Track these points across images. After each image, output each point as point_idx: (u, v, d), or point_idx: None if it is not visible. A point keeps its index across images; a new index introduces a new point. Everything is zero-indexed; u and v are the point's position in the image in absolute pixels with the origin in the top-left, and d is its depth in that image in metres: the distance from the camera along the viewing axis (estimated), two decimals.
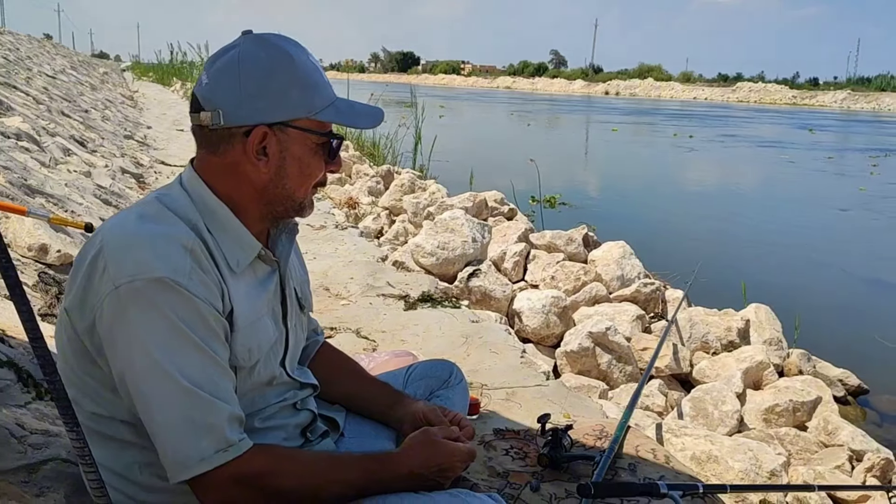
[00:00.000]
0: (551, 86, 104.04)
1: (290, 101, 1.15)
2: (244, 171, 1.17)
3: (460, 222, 4.55)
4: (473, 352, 2.99)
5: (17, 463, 1.46)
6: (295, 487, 1.12)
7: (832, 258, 8.28)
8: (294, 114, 1.16)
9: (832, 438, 3.30)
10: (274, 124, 1.15)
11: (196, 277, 1.07)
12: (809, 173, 15.98)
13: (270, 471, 1.10)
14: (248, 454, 1.09)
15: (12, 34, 17.61)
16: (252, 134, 1.14)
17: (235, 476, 1.07)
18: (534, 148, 16.66)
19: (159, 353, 1.03)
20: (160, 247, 1.06)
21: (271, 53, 1.15)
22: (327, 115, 1.18)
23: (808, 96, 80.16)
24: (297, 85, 1.15)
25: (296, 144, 1.17)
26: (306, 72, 1.17)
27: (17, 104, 6.17)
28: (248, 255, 1.20)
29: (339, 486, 1.16)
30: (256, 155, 1.15)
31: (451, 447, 1.26)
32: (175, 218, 1.12)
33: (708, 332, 4.20)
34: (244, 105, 1.13)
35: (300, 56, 1.17)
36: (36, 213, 2.86)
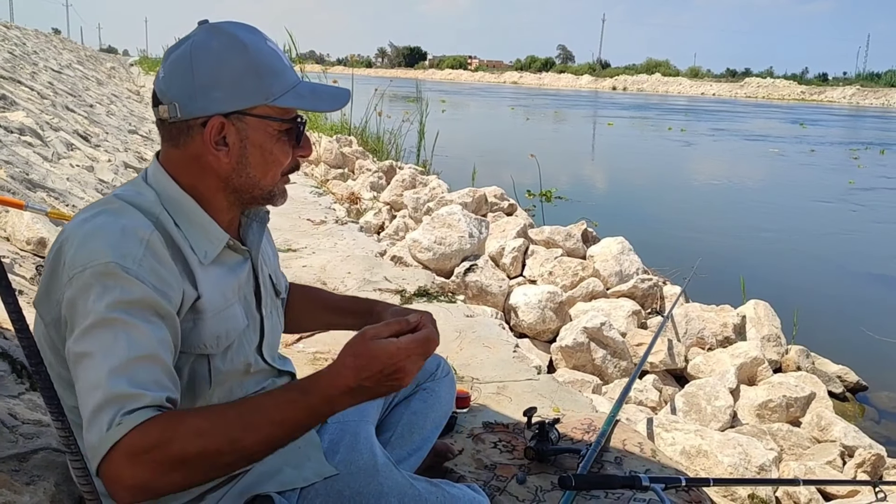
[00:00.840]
0: (558, 81, 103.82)
1: (244, 89, 1.13)
2: (207, 162, 1.17)
3: (457, 217, 4.58)
4: (466, 346, 3.01)
5: (9, 452, 1.49)
6: (202, 449, 0.95)
7: (831, 254, 8.30)
8: (250, 101, 1.14)
9: (825, 434, 3.32)
10: (230, 114, 1.14)
11: (146, 265, 1.05)
12: (797, 167, 16.30)
13: (164, 438, 0.93)
14: (143, 426, 0.94)
15: (19, 29, 17.68)
16: (208, 125, 1.13)
17: (129, 452, 0.92)
18: (530, 142, 17.05)
19: (89, 337, 1.00)
20: (115, 237, 1.06)
21: (223, 42, 1.14)
22: (286, 101, 1.16)
23: (817, 92, 79.83)
24: (251, 72, 1.13)
25: (256, 132, 1.16)
26: (261, 58, 1.15)
27: (22, 99, 6.21)
28: (216, 247, 1.20)
29: (260, 431, 0.98)
30: (216, 145, 1.15)
31: (392, 345, 0.99)
32: (136, 212, 1.12)
33: (704, 328, 4.22)
34: (198, 96, 1.12)
35: (255, 42, 1.15)
36: (34, 207, 2.90)
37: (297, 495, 1.27)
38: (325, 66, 27.20)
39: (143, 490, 0.93)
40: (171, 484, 0.95)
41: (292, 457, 1.32)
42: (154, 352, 1.02)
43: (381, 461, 1.33)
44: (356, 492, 1.27)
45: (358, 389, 0.99)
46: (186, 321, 1.14)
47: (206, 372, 1.18)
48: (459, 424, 2.30)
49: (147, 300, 1.04)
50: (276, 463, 1.29)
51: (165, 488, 0.95)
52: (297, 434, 1.01)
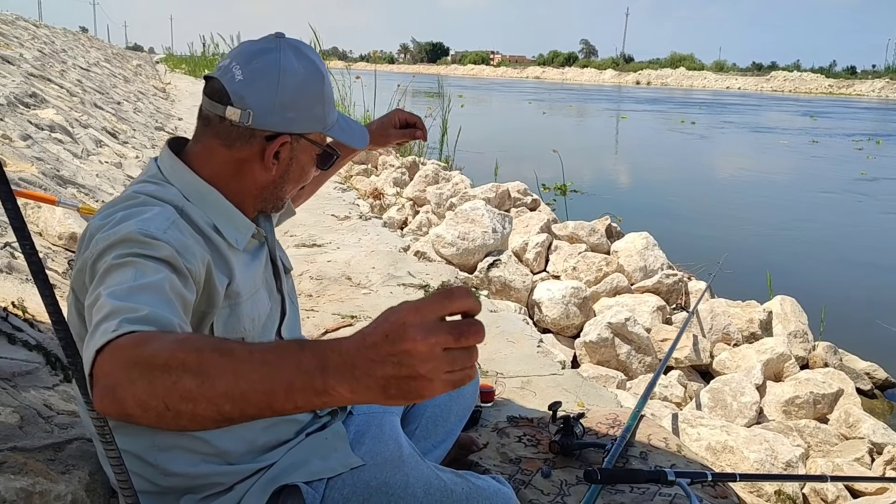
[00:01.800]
0: (581, 76, 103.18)
1: (314, 115, 1.24)
2: (251, 169, 1.23)
3: (481, 213, 4.58)
4: (490, 341, 3.02)
5: (44, 442, 1.53)
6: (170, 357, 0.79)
7: (857, 249, 8.19)
8: (313, 127, 1.25)
9: (853, 431, 3.28)
10: (295, 134, 1.22)
11: (171, 234, 1.06)
12: (809, 158, 16.39)
13: (146, 338, 0.85)
14: (137, 332, 0.87)
15: (48, 28, 17.93)
16: (277, 140, 1.21)
17: (111, 350, 0.85)
18: (546, 135, 17.43)
19: (102, 281, 0.98)
20: (141, 219, 1.07)
21: (308, 67, 1.21)
22: (335, 132, 1.30)
23: (845, 85, 78.53)
24: (321, 101, 1.24)
25: (304, 153, 1.27)
26: (329, 89, 1.27)
27: (52, 96, 6.31)
28: (245, 234, 1.26)
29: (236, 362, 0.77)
30: (273, 159, 1.22)
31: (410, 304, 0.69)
32: (160, 203, 1.14)
33: (729, 324, 4.19)
34: (276, 112, 1.18)
35: (326, 74, 1.26)
36: (66, 202, 2.95)
37: (324, 485, 1.29)
38: (347, 63, 27.27)
39: (109, 392, 0.82)
40: (134, 396, 0.79)
41: (319, 448, 1.34)
42: (161, 286, 0.98)
43: (406, 452, 1.34)
44: (382, 482, 1.28)
45: (356, 359, 0.69)
46: (224, 308, 1.17)
47: None
48: (484, 419, 2.31)
49: (167, 259, 1.03)
50: (304, 454, 1.31)
51: (127, 398, 0.80)
52: (272, 395, 0.74)
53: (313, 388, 0.72)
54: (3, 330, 1.92)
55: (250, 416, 0.77)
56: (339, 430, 1.40)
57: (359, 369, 0.69)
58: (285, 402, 0.74)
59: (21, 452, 1.43)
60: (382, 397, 0.69)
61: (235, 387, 0.75)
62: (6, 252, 2.53)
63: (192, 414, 0.78)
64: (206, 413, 0.77)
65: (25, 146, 4.02)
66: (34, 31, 12.79)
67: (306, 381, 0.72)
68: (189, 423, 0.79)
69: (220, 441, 1.22)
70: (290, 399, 0.74)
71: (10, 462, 1.37)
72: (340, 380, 0.70)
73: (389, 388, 0.68)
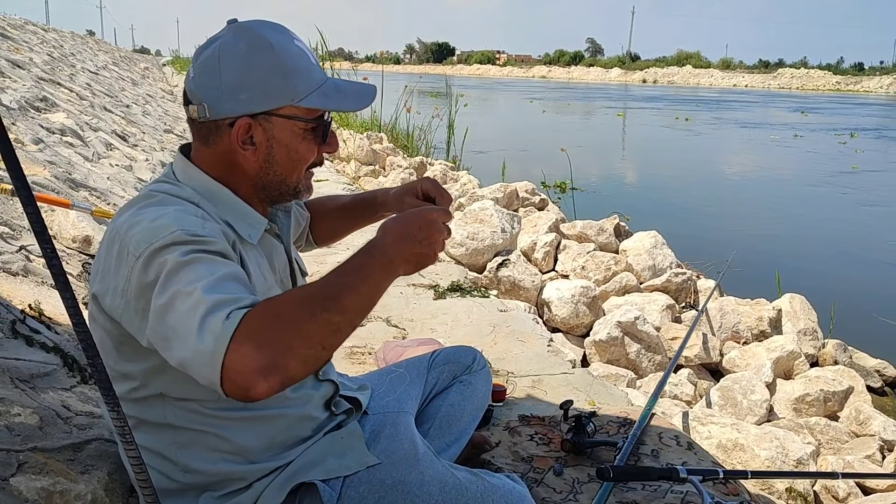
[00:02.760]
0: (587, 74, 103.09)
1: (271, 90, 1.16)
2: (236, 160, 1.20)
3: (489, 213, 4.59)
4: (501, 340, 3.03)
5: (63, 442, 1.55)
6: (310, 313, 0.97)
7: (864, 244, 8.17)
8: (277, 102, 1.17)
9: (864, 428, 3.28)
10: (258, 114, 1.16)
11: (209, 228, 1.11)
12: (800, 153, 17.00)
13: (273, 314, 0.96)
14: (250, 313, 0.95)
15: (56, 32, 18.03)
16: (235, 125, 1.16)
17: (247, 336, 0.93)
18: (544, 132, 18.08)
19: (169, 284, 1.00)
20: (172, 216, 1.09)
21: (250, 42, 1.15)
22: (311, 101, 1.18)
23: (853, 82, 78.21)
24: (277, 73, 1.15)
25: (282, 132, 1.19)
26: (288, 58, 1.17)
27: (62, 100, 6.36)
28: (258, 230, 1.26)
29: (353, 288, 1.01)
30: (243, 145, 1.18)
31: (428, 208, 1.14)
32: (179, 200, 1.17)
33: (739, 322, 4.19)
34: (226, 97, 1.15)
35: (281, 42, 1.17)
36: (79, 206, 2.98)
37: (341, 483, 1.30)
38: (354, 64, 27.29)
39: (272, 369, 0.92)
40: (295, 356, 0.94)
41: (336, 446, 1.35)
42: (238, 274, 1.05)
43: (421, 450, 1.36)
44: (398, 480, 1.30)
45: (404, 245, 1.05)
46: None
47: None
48: (496, 418, 2.32)
49: (221, 251, 1.07)
50: (321, 452, 1.33)
51: (291, 363, 0.94)
52: (379, 292, 1.04)
53: (390, 275, 1.05)
54: (21, 332, 1.94)
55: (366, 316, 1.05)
56: (355, 429, 1.41)
57: (406, 254, 1.05)
58: (380, 295, 1.05)
59: (41, 453, 1.45)
60: (412, 268, 1.07)
61: (359, 303, 1.01)
62: (21, 255, 2.56)
63: (341, 341, 1.01)
64: (347, 333, 1.01)
65: (37, 150, 4.06)
66: (43, 35, 12.87)
67: (390, 275, 1.05)
68: (332, 351, 1.01)
69: (241, 439, 1.24)
70: (382, 292, 1.05)
71: (30, 462, 1.39)
72: (400, 266, 1.06)
73: (418, 262, 1.07)
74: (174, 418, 1.20)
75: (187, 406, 1.20)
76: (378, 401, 1.57)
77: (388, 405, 1.55)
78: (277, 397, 1.26)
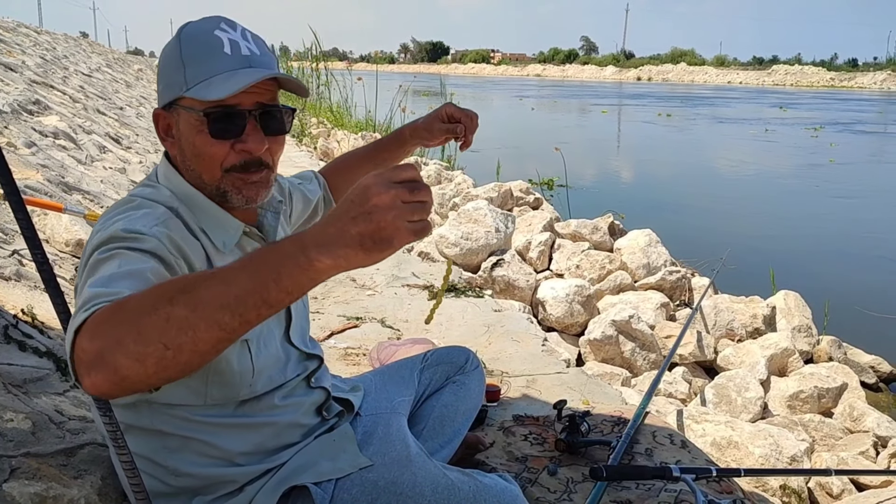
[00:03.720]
0: (582, 73, 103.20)
1: (171, 80, 1.14)
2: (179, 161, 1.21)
3: (483, 213, 4.60)
4: (495, 340, 3.04)
5: (56, 447, 1.54)
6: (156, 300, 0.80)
7: (855, 239, 8.21)
8: (173, 93, 1.14)
9: (858, 425, 3.29)
10: (168, 106, 1.16)
11: (158, 230, 1.07)
12: (778, 147, 17.51)
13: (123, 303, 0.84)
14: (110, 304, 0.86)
15: (49, 34, 17.98)
16: (153, 117, 1.20)
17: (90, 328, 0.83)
18: (530, 129, 18.61)
19: (86, 282, 0.97)
20: (132, 219, 1.09)
21: (173, 40, 1.16)
22: (194, 92, 1.11)
23: (847, 78, 78.42)
24: (176, 63, 1.13)
25: (183, 124, 1.16)
26: (189, 46, 1.13)
27: (55, 103, 6.34)
28: (233, 235, 1.23)
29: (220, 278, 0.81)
30: (164, 135, 1.20)
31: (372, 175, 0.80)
32: (155, 205, 1.16)
33: (733, 320, 4.20)
34: (161, 95, 1.18)
35: (192, 32, 1.15)
36: (72, 209, 2.98)
37: (333, 486, 1.30)
38: (348, 64, 27.31)
39: (98, 364, 0.80)
40: (126, 353, 0.79)
41: (328, 449, 1.36)
42: (143, 272, 0.97)
43: (413, 451, 1.36)
44: (390, 481, 1.30)
45: (329, 228, 0.78)
46: None
47: (249, 359, 1.22)
48: (490, 418, 2.32)
49: (152, 250, 1.03)
50: (313, 455, 1.33)
51: (121, 360, 0.79)
52: (267, 287, 0.79)
53: (298, 266, 0.79)
54: (14, 337, 1.94)
55: (250, 319, 0.80)
56: (347, 431, 1.42)
57: (334, 235, 0.78)
58: (278, 290, 0.79)
59: (34, 458, 1.45)
60: (362, 252, 0.77)
61: (228, 294, 0.79)
62: (14, 259, 2.55)
63: (194, 342, 0.79)
64: (208, 334, 0.79)
65: (30, 153, 4.05)
66: (35, 38, 12.84)
67: (291, 262, 0.79)
68: (191, 355, 0.80)
69: (229, 444, 1.25)
70: (280, 286, 0.79)
71: (23, 467, 1.39)
72: (320, 251, 0.78)
73: (365, 241, 0.77)
74: (162, 424, 1.21)
75: (175, 412, 1.20)
76: (370, 402, 1.57)
77: (381, 406, 1.55)
78: (266, 405, 1.27)
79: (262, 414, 1.28)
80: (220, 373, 1.19)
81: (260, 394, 1.27)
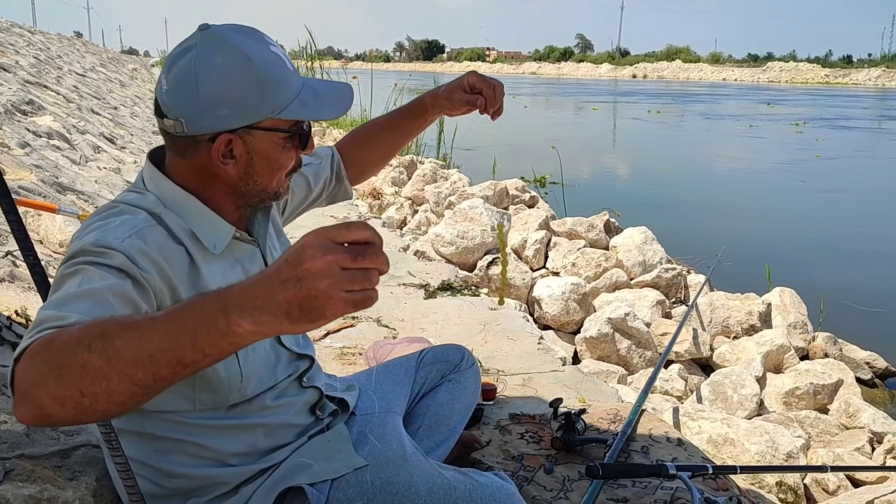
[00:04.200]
0: (577, 70, 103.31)
1: (250, 105, 1.12)
2: (214, 172, 1.17)
3: (479, 211, 4.59)
4: (491, 339, 3.04)
5: (51, 449, 1.54)
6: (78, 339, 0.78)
7: (851, 235, 8.23)
8: (256, 117, 1.13)
9: (853, 421, 3.30)
10: (237, 129, 1.13)
11: (130, 243, 1.05)
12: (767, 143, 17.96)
13: (56, 336, 0.81)
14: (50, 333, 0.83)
15: (43, 34, 17.93)
16: (217, 141, 1.13)
17: (26, 357, 0.81)
18: (523, 127, 18.87)
19: (49, 298, 0.96)
20: (107, 229, 1.07)
21: (227, 56, 1.11)
22: (291, 113, 1.15)
23: (842, 74, 78.63)
24: (256, 87, 1.11)
25: (262, 143, 1.17)
26: (265, 70, 1.12)
27: (48, 103, 6.32)
28: (224, 238, 1.22)
29: (140, 327, 0.77)
30: (223, 159, 1.15)
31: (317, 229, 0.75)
32: (137, 210, 1.14)
33: (729, 317, 4.20)
34: (205, 114, 1.11)
35: (258, 53, 1.13)
36: (66, 210, 2.96)
37: (328, 486, 1.30)
38: (344, 62, 27.29)
39: (27, 398, 0.78)
40: (48, 393, 0.77)
41: (323, 449, 1.35)
42: (100, 292, 0.94)
43: (409, 451, 1.36)
44: (386, 481, 1.30)
45: (256, 290, 0.73)
46: None
47: (237, 365, 1.21)
48: (486, 416, 2.32)
49: (118, 266, 1.01)
50: (308, 456, 1.33)
51: (44, 399, 0.77)
52: (179, 349, 0.75)
53: (216, 329, 0.74)
54: (7, 339, 1.93)
55: (165, 377, 0.76)
56: (342, 431, 1.42)
57: (260, 298, 0.72)
58: (193, 352, 0.75)
59: (28, 460, 1.44)
60: (287, 321, 0.72)
61: (142, 350, 0.75)
62: (8, 261, 2.54)
63: (108, 393, 0.76)
64: (121, 388, 0.76)
65: (24, 154, 4.04)
66: (29, 38, 12.80)
67: (209, 324, 0.74)
68: (107, 404, 0.77)
69: (221, 446, 1.24)
70: (196, 348, 0.75)
71: (17, 469, 1.38)
72: (242, 314, 0.73)
73: (292, 310, 0.71)
74: (154, 428, 1.20)
75: (165, 417, 1.20)
76: (365, 401, 1.56)
77: (376, 405, 1.55)
78: (257, 406, 1.27)
79: (253, 415, 1.28)
80: (207, 380, 1.18)
81: (251, 396, 1.26)
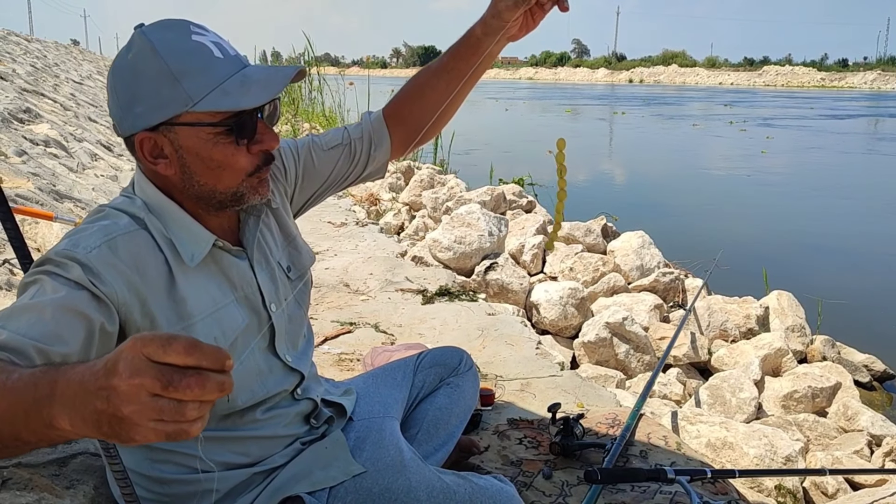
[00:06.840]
0: (574, 75, 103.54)
1: (162, 98, 1.05)
2: (159, 174, 1.13)
3: (476, 216, 4.60)
4: (489, 344, 3.04)
5: (48, 457, 1.54)
6: None
7: (847, 238, 8.24)
8: (171, 111, 1.05)
9: (852, 424, 3.30)
10: (157, 126, 1.07)
11: (97, 255, 1.03)
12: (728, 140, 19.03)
13: None
14: None
15: (40, 42, 17.95)
16: (136, 141, 1.09)
17: None
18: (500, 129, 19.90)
19: None
20: (82, 235, 1.06)
21: (136, 50, 1.06)
22: (209, 104, 1.05)
23: (837, 78, 78.88)
24: (166, 79, 1.04)
25: (189, 140, 1.08)
26: (176, 60, 1.05)
27: (46, 111, 6.32)
28: (203, 248, 1.17)
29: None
30: (153, 158, 1.10)
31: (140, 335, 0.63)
32: (121, 215, 1.12)
33: (726, 320, 4.20)
34: (125, 115, 1.08)
35: (169, 42, 1.06)
36: (63, 218, 2.96)
37: (327, 494, 1.30)
38: (340, 68, 27.36)
39: None
40: None
41: (320, 457, 1.35)
42: (44, 306, 0.93)
43: (407, 457, 1.35)
44: (385, 488, 1.29)
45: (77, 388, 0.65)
46: (179, 330, 1.11)
47: None
48: (484, 422, 2.32)
49: (75, 280, 0.99)
50: (305, 464, 1.32)
51: None
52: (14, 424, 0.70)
53: (41, 418, 0.67)
54: None
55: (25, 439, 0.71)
56: (339, 438, 1.41)
57: (78, 399, 0.65)
58: (28, 433, 0.69)
59: (26, 468, 1.44)
60: (97, 433, 0.64)
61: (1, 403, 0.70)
62: (5, 269, 2.54)
63: None
64: None
65: (21, 162, 4.04)
66: (26, 46, 12.81)
67: (35, 410, 0.68)
68: None
69: (213, 455, 1.24)
70: (29, 429, 0.69)
71: (15, 478, 1.38)
72: (61, 411, 0.66)
73: (101, 424, 0.63)
74: None
75: None
76: (363, 406, 1.55)
77: (374, 410, 1.54)
78: (248, 419, 1.26)
79: (244, 427, 1.27)
80: None
81: (242, 408, 1.25)
